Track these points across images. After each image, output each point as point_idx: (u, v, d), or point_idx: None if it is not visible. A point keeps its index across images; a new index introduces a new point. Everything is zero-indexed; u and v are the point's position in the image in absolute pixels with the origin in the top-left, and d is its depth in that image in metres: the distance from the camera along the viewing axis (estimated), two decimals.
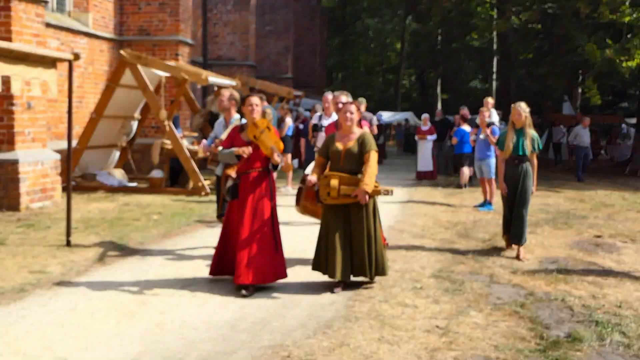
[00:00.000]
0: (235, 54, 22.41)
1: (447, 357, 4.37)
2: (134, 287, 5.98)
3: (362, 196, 5.49)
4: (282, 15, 26.63)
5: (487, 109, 11.88)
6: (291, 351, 4.41)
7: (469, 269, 6.87)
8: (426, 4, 26.97)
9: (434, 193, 13.65)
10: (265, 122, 5.78)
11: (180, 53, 16.48)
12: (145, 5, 16.41)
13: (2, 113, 9.93)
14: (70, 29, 13.98)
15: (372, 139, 5.84)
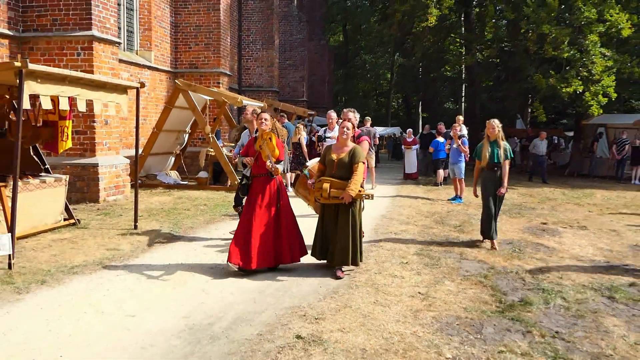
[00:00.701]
0: (263, 82, 22.37)
1: (427, 316, 4.35)
2: (185, 261, 5.99)
3: (347, 198, 5.29)
4: (299, 52, 26.54)
5: (458, 125, 11.83)
6: (307, 311, 4.40)
7: (444, 249, 6.82)
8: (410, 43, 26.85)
9: (416, 189, 13.57)
10: (269, 134, 5.52)
11: (221, 82, 16.47)
12: (194, 45, 16.42)
13: (86, 128, 9.96)
14: (137, 64, 14.00)
15: (361, 152, 5.56)
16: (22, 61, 5.56)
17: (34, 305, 4.45)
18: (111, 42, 10.38)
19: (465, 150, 11.25)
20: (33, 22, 9.98)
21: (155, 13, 15.16)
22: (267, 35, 22.27)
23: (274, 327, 4.04)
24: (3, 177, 6.68)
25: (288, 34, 26.20)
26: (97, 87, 6.85)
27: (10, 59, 9.58)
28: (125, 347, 3.68)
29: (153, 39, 15.04)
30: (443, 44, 27.48)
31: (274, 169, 5.44)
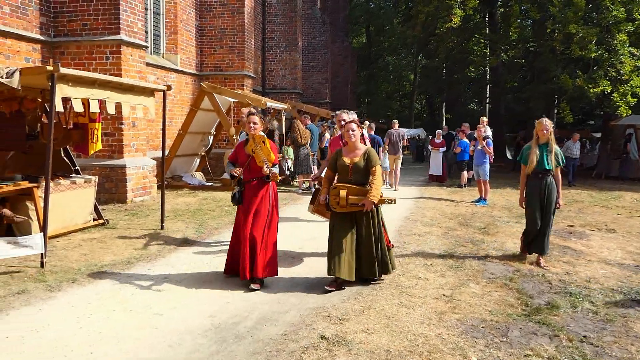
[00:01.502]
0: (287, 84, 22.47)
1: (452, 318, 4.31)
2: (210, 261, 6.05)
3: (369, 205, 4.89)
4: (322, 54, 26.56)
5: (482, 126, 11.70)
6: (331, 312, 4.41)
7: (468, 251, 6.76)
8: (434, 44, 26.68)
9: (440, 191, 13.46)
10: (261, 137, 5.15)
11: (245, 84, 16.61)
12: (219, 48, 16.60)
13: (114, 130, 10.16)
14: (163, 67, 14.21)
15: (376, 155, 5.16)
16: (54, 65, 5.71)
17: (65, 303, 4.56)
18: (138, 46, 10.56)
19: (490, 152, 11.13)
20: (64, 27, 10.22)
21: (181, 17, 15.37)
22: (291, 37, 22.37)
23: (298, 328, 4.06)
24: (35, 178, 6.85)
25: (311, 36, 26.25)
26: (125, 90, 6.98)
27: (42, 63, 9.84)
28: (153, 345, 3.74)
29: (179, 42, 15.24)
30: (467, 45, 27.23)
31: (272, 174, 5.10)
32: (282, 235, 7.18)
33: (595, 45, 16.73)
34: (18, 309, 4.40)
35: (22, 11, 9.53)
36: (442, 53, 24.46)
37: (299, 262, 6.10)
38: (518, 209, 10.25)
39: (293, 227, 8.05)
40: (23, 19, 9.57)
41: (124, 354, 3.58)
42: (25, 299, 4.65)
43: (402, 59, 43.19)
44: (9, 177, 6.82)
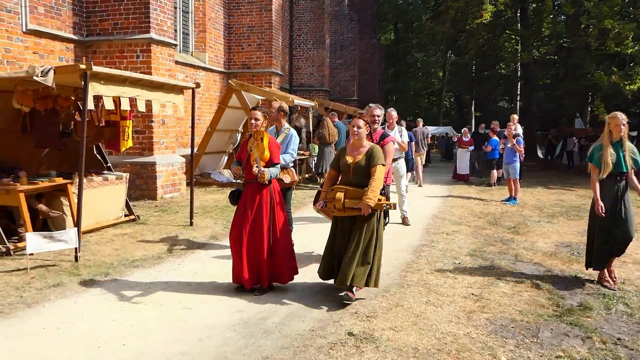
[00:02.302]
0: (314, 82, 22.53)
1: (481, 318, 4.29)
2: None
3: (366, 210, 4.43)
4: (349, 51, 26.53)
5: (513, 124, 11.52)
6: (358, 309, 4.43)
7: (498, 250, 6.69)
8: (463, 40, 26.38)
9: (468, 190, 13.32)
10: (261, 134, 4.88)
11: (273, 81, 16.72)
12: (247, 46, 16.75)
13: (145, 127, 10.37)
14: (192, 65, 14.42)
15: (380, 153, 4.65)
16: (86, 64, 5.86)
17: (99, 296, 4.70)
18: (168, 44, 10.75)
19: (520, 150, 10.96)
20: (96, 26, 10.47)
21: (210, 15, 15.55)
22: (318, 34, 22.41)
23: (326, 324, 4.09)
24: (69, 174, 7.06)
25: (339, 33, 26.25)
26: (155, 87, 7.12)
27: (75, 62, 10.10)
28: (183, 338, 3.83)
29: (207, 40, 15.44)
30: (498, 41, 26.84)
31: (259, 174, 4.69)
32: (307, 235, 7.25)
33: (632, 41, 16.30)
34: (54, 302, 4.55)
35: (55, 11, 9.80)
36: (472, 49, 24.16)
37: None
38: (549, 209, 10.09)
39: (317, 226, 8.08)
40: (57, 19, 9.84)
41: (155, 347, 3.67)
42: (60, 291, 4.81)
43: (431, 56, 42.86)
44: (44, 174, 7.04)
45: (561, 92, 22.13)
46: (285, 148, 6.14)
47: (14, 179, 6.44)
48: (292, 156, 6.18)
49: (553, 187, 13.93)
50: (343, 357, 3.51)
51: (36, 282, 5.03)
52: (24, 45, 9.11)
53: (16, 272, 5.34)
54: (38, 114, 7.12)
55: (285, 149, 6.13)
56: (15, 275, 5.26)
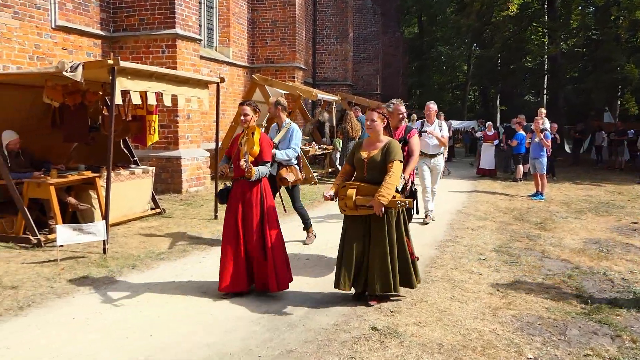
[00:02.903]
0: (337, 76, 22.48)
1: (507, 314, 4.23)
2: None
3: (378, 207, 4.07)
4: (373, 45, 26.37)
5: (540, 118, 11.34)
6: (382, 304, 4.42)
7: (524, 246, 6.59)
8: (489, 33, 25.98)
9: (494, 185, 13.15)
10: (252, 129, 4.67)
11: (296, 76, 16.74)
12: (270, 41, 16.80)
13: (170, 122, 10.49)
14: (216, 60, 14.52)
15: (397, 148, 4.33)
16: (114, 59, 5.95)
17: (127, 288, 4.78)
18: (193, 39, 10.84)
19: (548, 145, 10.77)
20: (122, 22, 10.61)
21: (234, 10, 15.62)
22: (342, 28, 22.32)
23: (350, 318, 4.09)
24: (97, 168, 7.19)
25: (362, 27, 26.11)
26: (180, 82, 7.19)
27: (102, 57, 10.25)
28: (209, 330, 3.87)
29: (231, 35, 15.52)
30: (524, 34, 26.35)
31: (247, 170, 4.42)
32: (329, 230, 7.23)
33: None
34: (83, 293, 4.65)
35: (83, 7, 9.96)
36: (498, 42, 23.79)
37: None
38: (577, 204, 9.90)
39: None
40: (85, 15, 10.00)
41: (182, 338, 3.73)
42: (89, 283, 4.91)
43: (455, 49, 42.28)
44: (73, 167, 7.18)
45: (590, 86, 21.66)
46: (288, 143, 6.03)
47: (45, 172, 6.60)
48: (295, 151, 6.04)
49: (581, 183, 13.66)
50: (367, 352, 3.50)
51: (66, 273, 5.14)
52: (53, 42, 9.29)
53: (47, 263, 5.47)
54: (67, 109, 7.26)
55: (288, 144, 6.03)
56: (46, 266, 5.39)
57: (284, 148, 6.07)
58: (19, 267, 5.36)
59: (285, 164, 6.04)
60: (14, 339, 3.68)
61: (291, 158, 6.04)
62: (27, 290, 4.66)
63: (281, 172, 6.00)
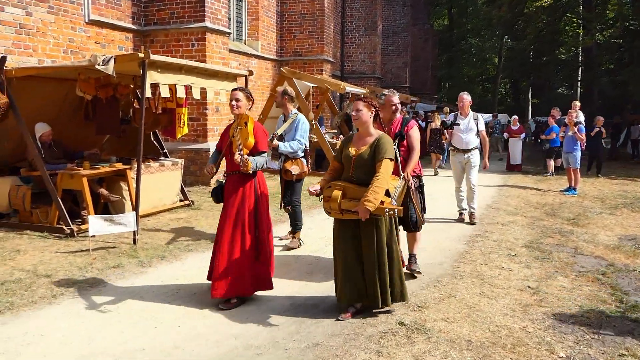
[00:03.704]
0: (365, 69, 22.30)
1: (538, 312, 4.13)
2: (290, 243, 6.16)
3: (363, 214, 3.61)
4: (402, 37, 26.07)
5: (574, 111, 11.02)
6: (410, 298, 4.36)
7: (556, 242, 6.42)
8: (521, 24, 25.41)
9: (525, 179, 12.87)
10: (245, 118, 4.22)
11: (324, 69, 16.67)
12: (299, 34, 16.76)
13: (199, 115, 10.59)
14: (245, 53, 14.56)
15: (388, 144, 3.80)
16: (145, 52, 6.01)
17: (155, 278, 4.84)
18: (222, 33, 10.88)
19: (582, 138, 10.46)
20: (153, 16, 10.72)
21: (262, 3, 15.63)
22: (370, 21, 22.11)
23: (377, 313, 4.05)
24: (128, 160, 7.30)
25: (391, 19, 25.82)
26: (209, 75, 7.23)
27: (134, 51, 10.38)
28: (235, 321, 3.89)
29: (260, 28, 15.53)
30: (558, 25, 25.68)
31: (242, 163, 4.04)
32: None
33: None
34: (114, 282, 4.73)
35: (116, 2, 10.09)
36: (530, 34, 23.26)
37: None
38: (612, 200, 9.62)
39: None
40: (117, 10, 10.14)
41: (209, 329, 3.75)
42: (119, 272, 4.99)
43: (486, 41, 41.48)
44: (105, 159, 7.31)
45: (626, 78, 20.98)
46: (293, 135, 5.79)
47: (78, 164, 6.73)
48: (301, 143, 5.79)
49: (616, 178, 13.25)
50: (394, 347, 3.46)
51: (97, 263, 5.24)
52: (87, 36, 9.45)
53: (79, 253, 5.59)
54: (99, 102, 7.38)
55: (293, 135, 5.79)
56: (78, 255, 5.50)
57: (289, 140, 5.85)
58: (52, 256, 5.49)
59: (290, 156, 5.79)
60: (47, 326, 3.77)
61: (296, 150, 5.77)
62: (60, 279, 4.76)
63: (286, 164, 5.77)
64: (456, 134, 7.52)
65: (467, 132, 7.48)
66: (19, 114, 6.51)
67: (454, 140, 7.62)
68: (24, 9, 8.22)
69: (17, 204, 6.76)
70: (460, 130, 7.49)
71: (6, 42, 7.96)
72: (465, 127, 7.49)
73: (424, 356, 3.35)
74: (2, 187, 6.83)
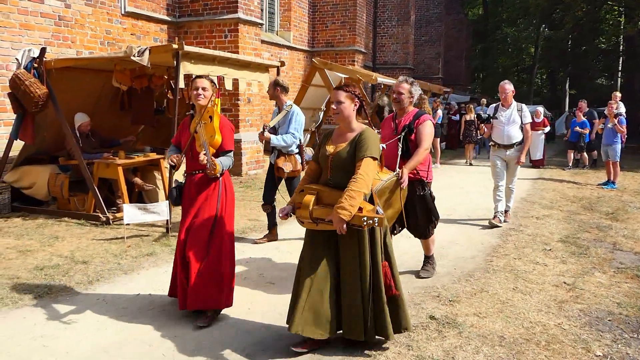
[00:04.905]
0: (397, 60, 22.03)
1: (574, 308, 4.01)
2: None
3: (338, 224, 2.95)
4: (435, 27, 25.65)
5: (615, 102, 10.63)
6: (440, 292, 4.30)
7: (594, 237, 6.22)
8: (560, 13, 24.64)
9: (561, 172, 12.52)
10: (210, 111, 3.60)
11: (356, 59, 16.55)
12: (331, 24, 16.66)
13: (231, 106, 10.65)
14: (277, 44, 14.56)
15: (371, 140, 3.12)
16: (179, 43, 6.06)
17: None
18: (254, 24, 10.89)
19: (622, 131, 10.09)
20: (187, 7, 10.81)
21: None
22: (403, 11, 21.79)
23: (407, 306, 3.99)
24: (162, 149, 7.39)
25: (424, 9, 25.40)
26: (242, 66, 7.24)
27: (168, 42, 10.50)
28: (264, 312, 3.89)
29: (292, 19, 15.49)
30: (598, 13, 24.77)
31: (210, 165, 3.49)
32: None
33: None
34: (147, 270, 4.81)
35: None
36: (569, 22, 22.47)
37: None
38: None
39: None
40: (152, 2, 10.25)
41: (245, 315, 3.77)
42: (153, 260, 5.07)
43: (522, 31, 40.44)
44: (139, 149, 7.42)
45: None
46: (287, 128, 5.40)
47: (113, 153, 6.86)
48: (295, 137, 5.40)
49: None
50: (424, 341, 3.41)
51: (132, 251, 5.33)
52: (123, 27, 9.59)
53: (114, 241, 5.70)
54: (135, 93, 7.50)
55: (287, 128, 5.40)
56: (113, 243, 5.61)
57: (282, 133, 5.45)
58: (89, 243, 5.61)
59: (284, 151, 5.40)
60: (84, 311, 3.85)
61: (289, 145, 5.36)
62: (96, 265, 4.87)
63: (278, 161, 5.37)
64: (497, 127, 6.78)
65: (509, 125, 6.69)
66: (57, 104, 6.66)
67: (494, 135, 6.85)
68: (62, 1, 8.40)
69: (55, 192, 6.94)
70: (501, 123, 6.74)
71: (46, 34, 8.15)
72: (507, 119, 6.71)
73: (455, 351, 3.29)
74: (42, 175, 7.02)
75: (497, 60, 42.26)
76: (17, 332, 3.48)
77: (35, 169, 7.10)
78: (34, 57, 6.63)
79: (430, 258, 4.82)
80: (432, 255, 4.83)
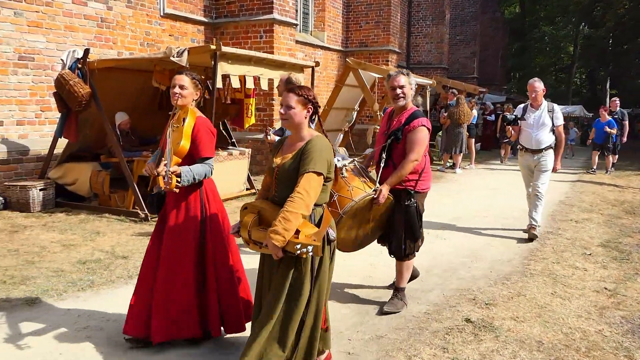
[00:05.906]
0: (432, 59, 21.80)
1: (615, 315, 3.90)
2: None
3: (272, 250, 2.51)
4: (470, 26, 25.27)
5: None
6: (476, 295, 4.24)
7: (636, 242, 6.02)
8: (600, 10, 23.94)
9: (601, 175, 12.17)
10: (185, 112, 3.17)
11: (390, 59, 16.45)
12: (365, 24, 16.62)
13: (266, 105, 10.75)
14: (311, 44, 14.61)
15: (316, 152, 2.62)
16: (216, 44, 6.15)
17: None
18: (289, 24, 10.96)
19: None
20: (224, 9, 10.96)
21: None
22: (438, 10, 21.54)
23: (442, 308, 3.97)
24: None
25: (459, 8, 25.06)
26: (277, 66, 7.31)
27: (205, 43, 10.67)
28: None
29: (326, 19, 15.52)
30: None
31: (166, 178, 2.93)
32: None
33: None
34: None
35: None
36: (610, 20, 21.89)
37: (444, 240, 5.93)
38: None
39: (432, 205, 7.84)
40: (190, 3, 10.43)
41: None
42: None
43: (561, 29, 39.44)
44: None
45: None
46: None
47: (152, 151, 7.01)
48: None
49: None
50: (460, 344, 3.38)
51: None
52: (162, 29, 9.79)
53: None
54: None
55: None
56: None
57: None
58: (129, 238, 5.76)
59: None
60: (125, 304, 3.95)
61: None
62: (135, 260, 4.99)
63: None
64: (524, 130, 6.08)
65: (538, 127, 5.98)
66: (100, 103, 6.85)
67: (521, 138, 6.16)
68: (104, 3, 8.63)
69: (97, 188, 7.14)
70: (529, 125, 6.04)
71: (89, 35, 8.40)
72: (536, 121, 5.99)
73: (491, 355, 3.24)
74: (84, 172, 7.24)
75: (534, 59, 41.33)
76: (61, 324, 3.60)
77: (78, 166, 7.33)
78: (78, 58, 6.84)
79: (400, 291, 3.96)
80: (403, 288, 3.97)
